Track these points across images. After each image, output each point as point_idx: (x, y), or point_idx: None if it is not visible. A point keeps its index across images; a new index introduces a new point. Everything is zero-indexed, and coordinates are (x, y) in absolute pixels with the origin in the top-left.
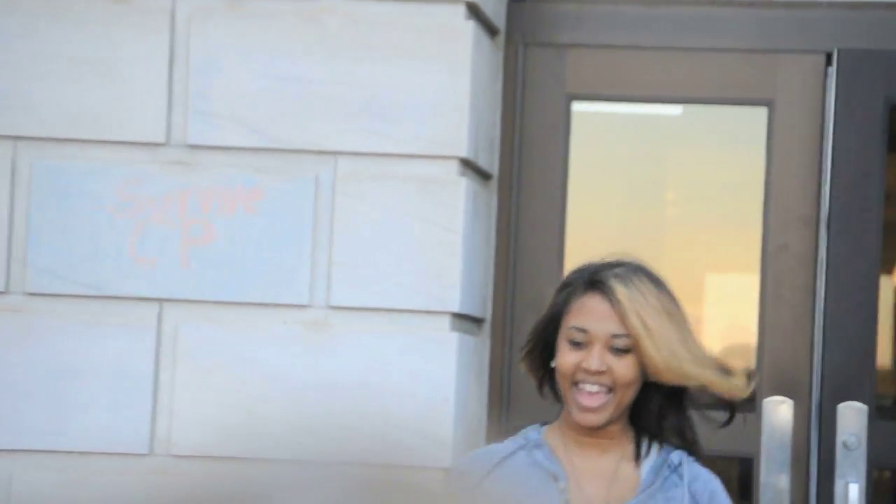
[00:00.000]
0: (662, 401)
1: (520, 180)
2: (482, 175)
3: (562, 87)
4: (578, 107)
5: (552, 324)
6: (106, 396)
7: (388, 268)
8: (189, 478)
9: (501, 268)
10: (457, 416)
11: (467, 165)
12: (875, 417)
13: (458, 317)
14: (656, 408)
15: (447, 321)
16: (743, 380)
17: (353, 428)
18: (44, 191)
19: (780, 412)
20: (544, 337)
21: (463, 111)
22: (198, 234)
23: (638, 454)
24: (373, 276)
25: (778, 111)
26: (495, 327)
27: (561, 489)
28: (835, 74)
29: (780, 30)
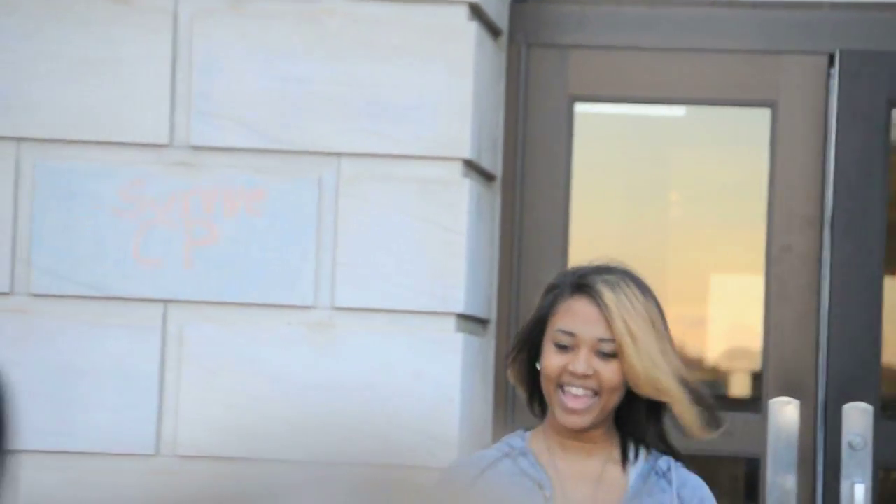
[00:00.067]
0: (647, 406)
1: (523, 181)
2: (485, 176)
3: (565, 88)
4: (581, 108)
5: (538, 326)
6: (111, 397)
7: (391, 269)
8: (194, 478)
9: (505, 268)
10: (462, 416)
11: (470, 166)
12: (880, 418)
13: (462, 317)
14: (641, 412)
15: (452, 322)
16: (704, 420)
17: (357, 429)
18: (47, 192)
19: (785, 413)
20: (531, 339)
21: (466, 112)
22: (201, 235)
23: (625, 458)
24: (377, 277)
25: (781, 112)
26: (500, 328)
27: (546, 497)
28: (837, 75)
29: (782, 31)
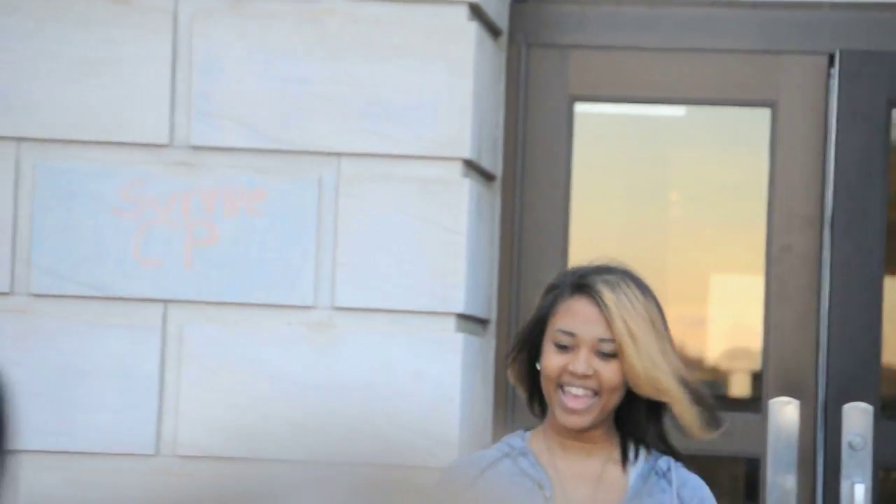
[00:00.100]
0: (647, 406)
1: (523, 181)
2: (485, 176)
3: (565, 88)
4: (581, 108)
5: (538, 326)
6: (111, 397)
7: (391, 269)
8: (195, 478)
9: (505, 268)
10: (462, 416)
11: (470, 166)
12: (880, 418)
13: (462, 317)
14: (641, 412)
15: (452, 322)
16: (704, 420)
17: (357, 429)
18: (47, 192)
19: (786, 413)
20: (531, 339)
21: (466, 112)
22: (201, 235)
23: (625, 458)
24: (377, 277)
25: (781, 112)
26: (500, 328)
27: (546, 497)
28: (837, 75)
29: (782, 31)
